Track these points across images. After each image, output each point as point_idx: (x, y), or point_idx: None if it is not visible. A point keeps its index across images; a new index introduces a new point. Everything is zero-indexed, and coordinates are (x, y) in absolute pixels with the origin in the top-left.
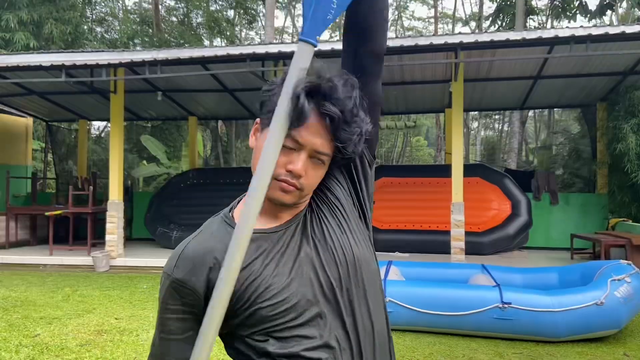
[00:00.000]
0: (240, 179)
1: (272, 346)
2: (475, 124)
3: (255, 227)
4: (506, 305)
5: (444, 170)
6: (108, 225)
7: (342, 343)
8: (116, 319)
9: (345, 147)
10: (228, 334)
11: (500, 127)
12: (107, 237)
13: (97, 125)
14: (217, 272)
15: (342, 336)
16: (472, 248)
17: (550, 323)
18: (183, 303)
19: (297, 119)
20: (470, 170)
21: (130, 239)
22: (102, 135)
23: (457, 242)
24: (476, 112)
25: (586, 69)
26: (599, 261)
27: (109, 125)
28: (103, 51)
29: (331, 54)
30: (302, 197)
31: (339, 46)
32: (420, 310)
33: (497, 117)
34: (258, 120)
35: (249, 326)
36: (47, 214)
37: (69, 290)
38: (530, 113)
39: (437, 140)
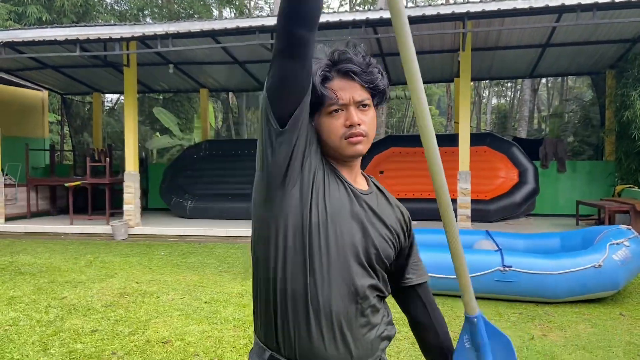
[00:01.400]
0: (252, 150)
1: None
2: (487, 92)
3: (352, 183)
4: (507, 268)
5: (452, 140)
6: (125, 196)
7: (343, 288)
8: (137, 282)
9: (375, 87)
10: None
11: (512, 95)
12: (125, 206)
13: (109, 97)
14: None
15: (347, 278)
16: (479, 215)
17: (549, 285)
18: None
19: (322, 99)
20: (478, 139)
21: (147, 209)
22: (115, 107)
23: (463, 209)
24: (488, 81)
25: (594, 37)
26: (600, 226)
27: (122, 97)
28: (115, 25)
29: (339, 25)
30: (369, 143)
31: (346, 17)
32: None
33: (509, 84)
34: None
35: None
36: (66, 184)
37: (90, 257)
38: (543, 80)
39: (447, 110)
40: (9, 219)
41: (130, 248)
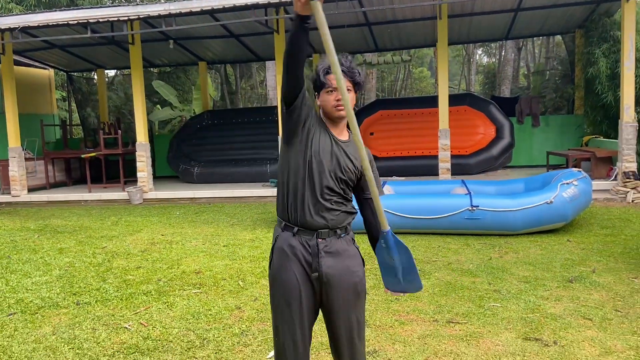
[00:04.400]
0: (250, 118)
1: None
2: (477, 52)
3: (338, 137)
4: (474, 208)
5: (435, 101)
6: (139, 164)
7: (327, 191)
8: (162, 235)
9: (354, 80)
10: (290, 143)
11: (498, 54)
12: (139, 174)
13: (106, 72)
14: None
15: (329, 187)
16: (461, 169)
17: (509, 220)
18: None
19: (320, 80)
20: (458, 99)
21: (155, 177)
22: (113, 82)
23: (444, 163)
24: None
25: (562, 0)
26: (557, 170)
27: (120, 72)
28: (119, 6)
29: None
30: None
31: None
32: (405, 215)
33: (496, 44)
34: (316, 93)
35: (299, 148)
36: (83, 156)
37: (114, 218)
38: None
39: (436, 72)
40: (31, 190)
41: (147, 210)
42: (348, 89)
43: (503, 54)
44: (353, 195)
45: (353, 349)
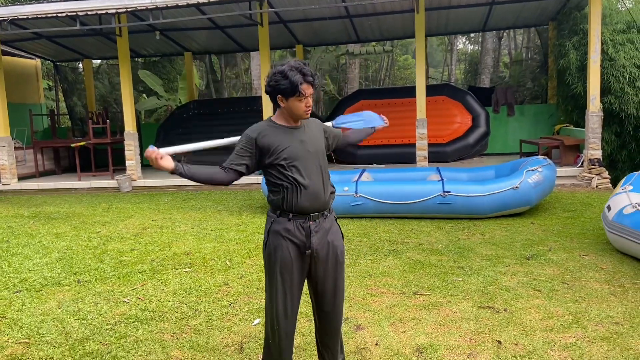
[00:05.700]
0: (235, 107)
1: (288, 171)
2: (462, 39)
3: (287, 125)
4: (446, 193)
5: (415, 91)
6: (127, 153)
7: (313, 178)
8: (152, 220)
9: (316, 88)
10: (266, 167)
11: (482, 43)
12: (127, 162)
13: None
14: (261, 139)
15: (313, 174)
16: (439, 157)
17: (478, 204)
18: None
19: (297, 90)
20: (437, 90)
21: (143, 165)
22: (99, 71)
23: (421, 151)
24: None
25: None
26: (525, 158)
27: (105, 62)
28: None
29: None
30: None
31: None
32: (382, 201)
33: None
34: (280, 96)
35: (278, 164)
36: (72, 145)
37: (105, 205)
38: None
39: None
40: (20, 178)
41: (137, 197)
42: (312, 94)
43: (484, 44)
44: (333, 181)
45: (335, 312)
